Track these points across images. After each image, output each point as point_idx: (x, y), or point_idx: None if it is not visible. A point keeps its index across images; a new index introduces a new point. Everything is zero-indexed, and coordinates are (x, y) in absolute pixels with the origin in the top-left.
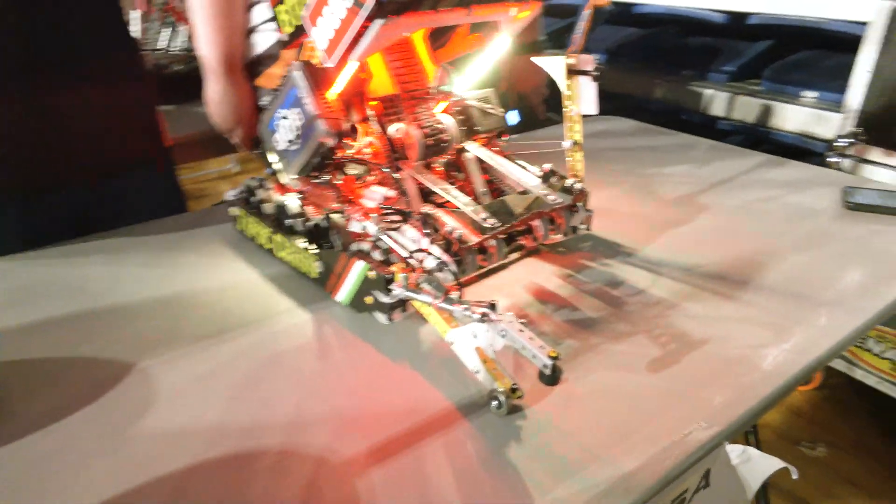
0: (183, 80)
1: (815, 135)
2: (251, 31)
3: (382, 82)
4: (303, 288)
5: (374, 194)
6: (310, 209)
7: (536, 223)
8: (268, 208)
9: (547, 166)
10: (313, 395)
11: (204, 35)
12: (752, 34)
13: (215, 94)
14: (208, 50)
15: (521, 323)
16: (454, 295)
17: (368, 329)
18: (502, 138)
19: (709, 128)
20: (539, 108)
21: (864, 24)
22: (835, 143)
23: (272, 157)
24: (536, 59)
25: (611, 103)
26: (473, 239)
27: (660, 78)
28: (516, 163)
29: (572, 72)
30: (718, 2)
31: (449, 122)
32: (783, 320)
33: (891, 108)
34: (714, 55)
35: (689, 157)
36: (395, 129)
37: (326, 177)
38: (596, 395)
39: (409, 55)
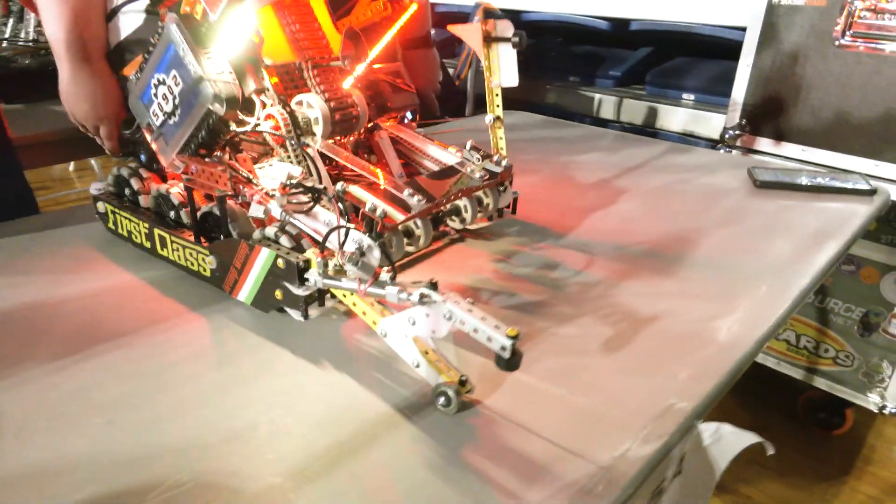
0: (33, 75)
1: (698, 133)
2: (113, 12)
3: (279, 49)
4: (194, 289)
5: (277, 172)
6: (197, 197)
7: (464, 203)
8: (145, 201)
9: (468, 143)
10: (214, 410)
11: (49, 13)
12: (634, 41)
13: (69, 85)
14: (56, 31)
15: (468, 302)
16: (385, 277)
17: (279, 330)
18: (416, 121)
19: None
20: (433, 104)
21: (738, 29)
22: (725, 136)
23: (149, 137)
24: (453, 28)
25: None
26: (399, 217)
27: (550, 84)
28: (433, 142)
29: (490, 40)
30: (600, 9)
31: (358, 98)
32: (725, 293)
33: (770, 100)
34: (600, 61)
35: (599, 146)
36: (297, 101)
37: (218, 154)
38: (552, 383)
39: (308, 19)
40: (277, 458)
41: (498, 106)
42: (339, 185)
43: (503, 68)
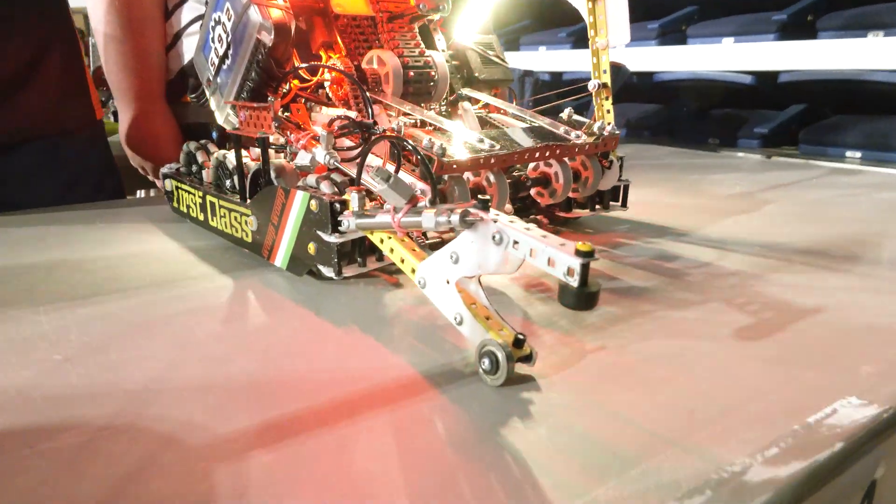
0: None
1: None
2: (176, 37)
3: (352, 1)
4: (235, 257)
5: (328, 118)
6: (252, 164)
7: (554, 170)
8: (208, 174)
9: (567, 110)
10: (195, 358)
11: (109, 56)
12: (782, 98)
13: (132, 128)
14: (117, 74)
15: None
16: (425, 202)
17: (309, 294)
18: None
19: None
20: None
21: None
22: None
23: (208, 93)
24: None
25: None
26: (462, 154)
27: (686, 148)
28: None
29: None
30: (743, 63)
31: (438, 59)
32: None
33: None
34: (742, 121)
35: (739, 166)
36: (367, 59)
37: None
38: (657, 364)
39: None
40: (240, 412)
41: (605, 72)
42: (397, 121)
43: (612, 22)
